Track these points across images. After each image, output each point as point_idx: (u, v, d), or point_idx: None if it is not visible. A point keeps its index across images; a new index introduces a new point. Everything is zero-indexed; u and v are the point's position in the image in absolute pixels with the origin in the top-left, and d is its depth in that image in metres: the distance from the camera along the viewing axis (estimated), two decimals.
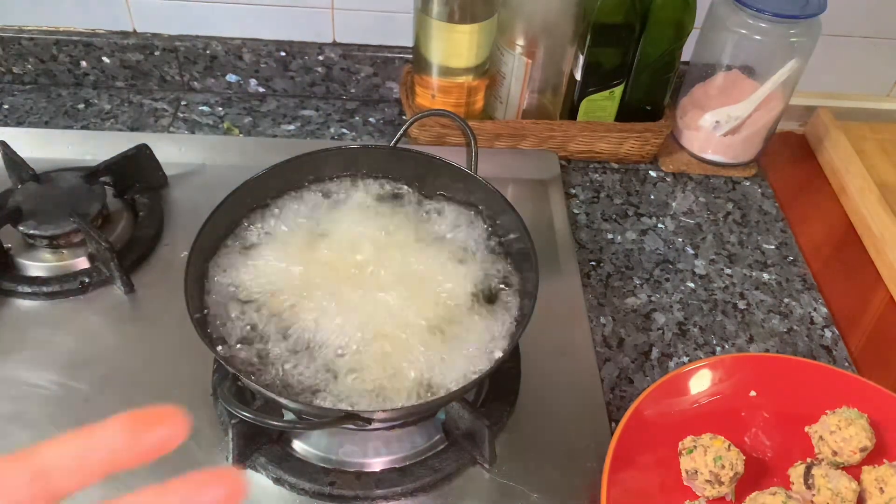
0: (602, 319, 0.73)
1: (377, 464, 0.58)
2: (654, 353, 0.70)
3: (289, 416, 0.57)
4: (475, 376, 0.55)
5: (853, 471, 0.59)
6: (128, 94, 0.94)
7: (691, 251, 0.81)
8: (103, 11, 0.90)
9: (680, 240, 0.82)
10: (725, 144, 0.89)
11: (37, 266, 0.70)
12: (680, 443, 0.60)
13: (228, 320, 0.58)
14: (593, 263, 0.78)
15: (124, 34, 0.92)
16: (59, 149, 0.83)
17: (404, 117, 0.93)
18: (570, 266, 0.76)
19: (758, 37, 0.80)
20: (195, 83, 0.95)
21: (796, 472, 0.59)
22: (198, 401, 0.61)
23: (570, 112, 0.88)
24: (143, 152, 0.77)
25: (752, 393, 0.64)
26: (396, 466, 0.58)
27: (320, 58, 0.93)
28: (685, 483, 0.59)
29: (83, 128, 0.89)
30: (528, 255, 0.60)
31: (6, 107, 0.91)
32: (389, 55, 0.93)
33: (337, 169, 0.69)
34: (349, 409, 0.51)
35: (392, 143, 0.70)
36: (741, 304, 0.76)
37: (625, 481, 0.54)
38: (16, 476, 0.20)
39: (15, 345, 0.64)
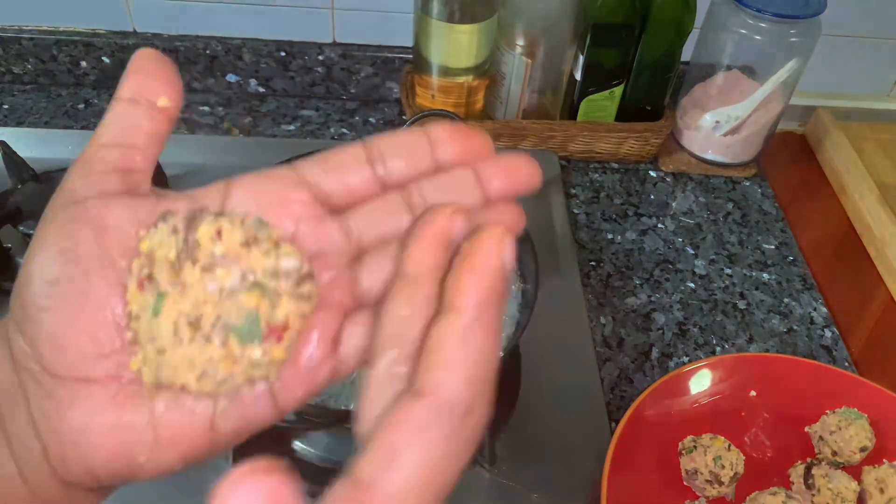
0: (602, 319, 0.73)
1: None
2: (654, 353, 0.70)
3: (289, 415, 0.57)
4: None
5: (853, 471, 0.59)
6: None
7: (691, 251, 0.81)
8: (103, 11, 0.90)
9: (680, 240, 0.82)
10: (725, 144, 0.89)
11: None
12: (680, 443, 0.60)
13: None
14: (593, 263, 0.78)
15: (124, 34, 0.92)
16: (59, 149, 0.83)
17: (404, 117, 0.93)
18: (570, 266, 0.76)
19: (758, 37, 0.80)
20: (195, 83, 0.95)
21: (796, 472, 0.59)
22: None
23: (570, 112, 0.88)
24: None
25: (752, 393, 0.64)
26: None
27: (320, 58, 0.93)
28: (685, 483, 0.59)
29: (83, 128, 0.89)
30: (528, 255, 0.60)
31: (6, 107, 0.91)
32: (389, 55, 0.93)
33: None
34: (350, 408, 0.51)
35: None
36: (741, 304, 0.76)
37: (625, 481, 0.54)
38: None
39: None
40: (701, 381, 0.63)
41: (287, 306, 0.22)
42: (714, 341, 0.72)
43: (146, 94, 0.23)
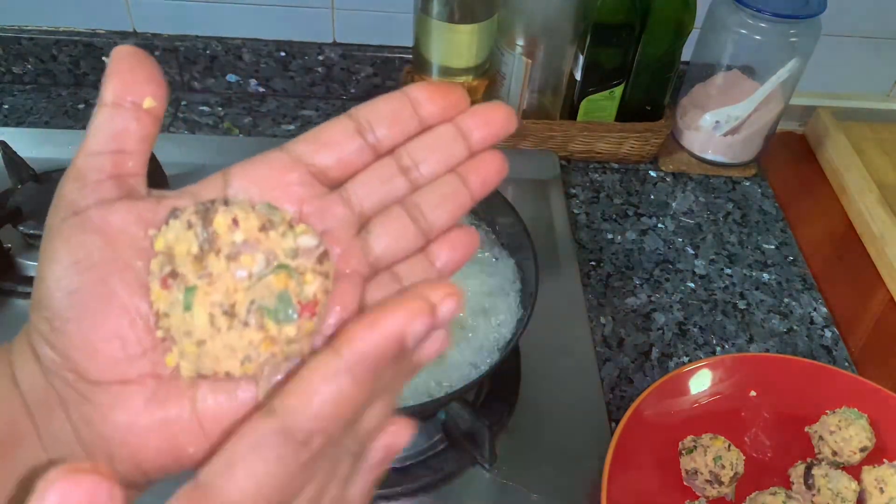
0: (602, 319, 0.73)
1: None
2: (654, 353, 0.70)
3: None
4: (475, 376, 0.55)
5: (853, 471, 0.59)
6: None
7: (691, 251, 0.81)
8: (103, 11, 0.90)
9: (680, 240, 0.82)
10: (725, 144, 0.89)
11: (37, 266, 0.70)
12: (680, 443, 0.60)
13: None
14: (593, 263, 0.78)
15: (124, 34, 0.92)
16: (59, 149, 0.83)
17: None
18: (570, 266, 0.76)
19: (758, 37, 0.80)
20: (195, 83, 0.95)
21: (796, 472, 0.59)
22: None
23: (570, 112, 0.88)
24: None
25: (752, 393, 0.64)
26: (396, 466, 0.58)
27: (320, 58, 0.93)
28: (685, 483, 0.59)
29: (83, 128, 0.88)
30: (528, 255, 0.60)
31: (6, 107, 0.91)
32: (389, 55, 0.93)
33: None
34: None
35: None
36: (741, 304, 0.76)
37: (625, 481, 0.54)
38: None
39: None
40: (701, 381, 0.63)
41: (314, 282, 0.23)
42: (714, 341, 0.72)
43: (129, 96, 0.23)
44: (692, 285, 0.77)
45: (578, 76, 0.85)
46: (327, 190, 0.25)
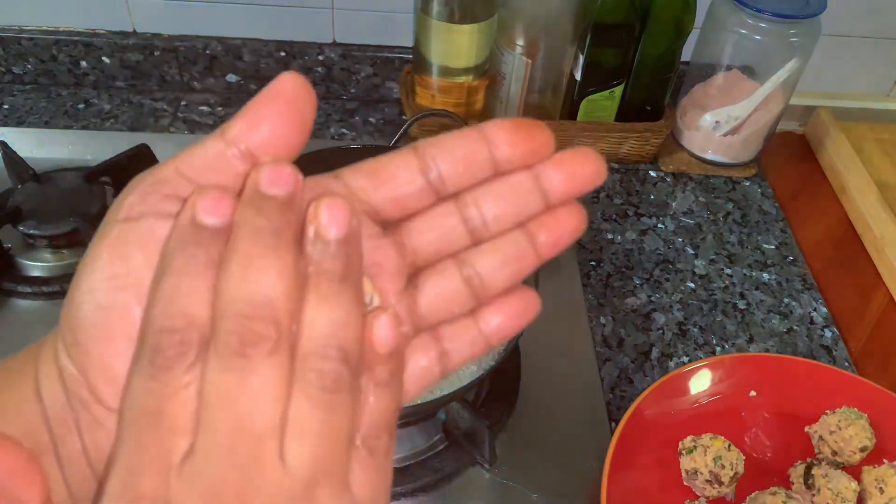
0: (602, 319, 0.73)
1: None
2: (654, 353, 0.70)
3: None
4: (475, 376, 0.55)
5: (853, 471, 0.59)
6: (128, 94, 0.94)
7: (691, 251, 0.81)
8: (103, 11, 0.90)
9: (680, 240, 0.82)
10: (725, 144, 0.89)
11: (37, 266, 0.70)
12: (680, 443, 0.60)
13: None
14: (593, 263, 0.78)
15: (124, 34, 0.92)
16: (59, 149, 0.83)
17: (404, 117, 0.93)
18: (570, 266, 0.76)
19: (758, 37, 0.80)
20: (195, 83, 0.95)
21: (796, 472, 0.59)
22: None
23: (570, 112, 0.88)
24: (143, 152, 0.77)
25: (752, 393, 0.64)
26: (396, 467, 0.58)
27: (320, 58, 0.93)
28: (685, 483, 0.59)
29: (83, 128, 0.89)
30: None
31: (6, 107, 0.91)
32: (389, 55, 0.93)
33: (337, 169, 0.69)
34: None
35: (392, 143, 0.70)
36: (741, 304, 0.76)
37: (625, 481, 0.54)
38: None
39: (15, 345, 0.64)
40: (701, 381, 0.63)
41: None
42: (714, 341, 0.72)
43: (248, 144, 0.21)
44: (692, 285, 0.77)
45: (578, 76, 0.85)
46: (380, 230, 0.23)
